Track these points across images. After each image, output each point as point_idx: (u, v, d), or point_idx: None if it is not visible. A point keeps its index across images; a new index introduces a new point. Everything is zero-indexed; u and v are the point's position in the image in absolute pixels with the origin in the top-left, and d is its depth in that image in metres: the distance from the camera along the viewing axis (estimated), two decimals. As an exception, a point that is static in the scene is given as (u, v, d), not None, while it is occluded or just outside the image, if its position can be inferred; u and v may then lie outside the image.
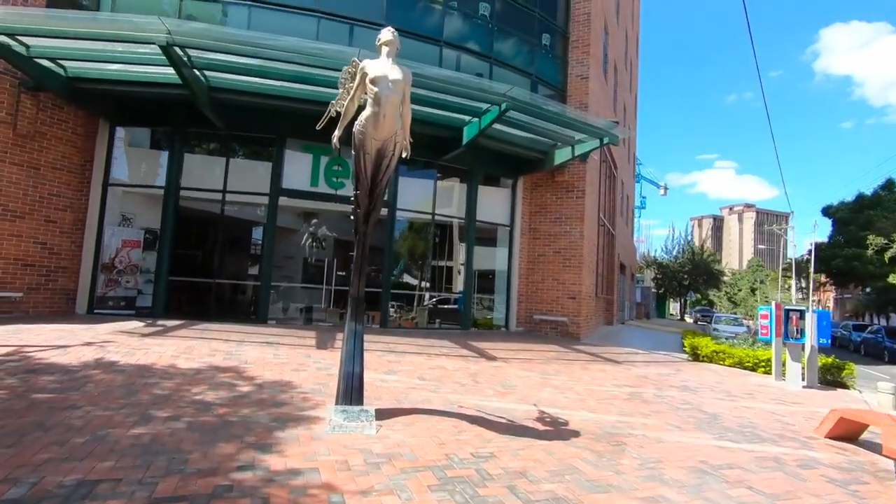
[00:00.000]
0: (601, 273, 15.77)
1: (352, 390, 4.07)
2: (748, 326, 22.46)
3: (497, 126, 9.04)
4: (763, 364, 8.76)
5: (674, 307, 55.01)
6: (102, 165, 9.13)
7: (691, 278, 45.56)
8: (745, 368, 9.06)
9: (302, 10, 9.38)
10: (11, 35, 7.01)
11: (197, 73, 7.84)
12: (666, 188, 51.37)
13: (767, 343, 8.68)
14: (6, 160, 7.90)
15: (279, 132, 9.45)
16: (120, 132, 9.39)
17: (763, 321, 8.21)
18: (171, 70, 7.22)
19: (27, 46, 7.31)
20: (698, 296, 52.46)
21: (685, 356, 10.61)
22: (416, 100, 6.74)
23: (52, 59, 7.72)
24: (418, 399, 4.87)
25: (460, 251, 12.51)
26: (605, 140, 9.65)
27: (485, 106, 8.73)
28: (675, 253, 48.69)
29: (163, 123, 9.44)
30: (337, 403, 4.05)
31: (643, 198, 49.04)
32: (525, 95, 8.66)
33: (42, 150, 8.39)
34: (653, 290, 42.56)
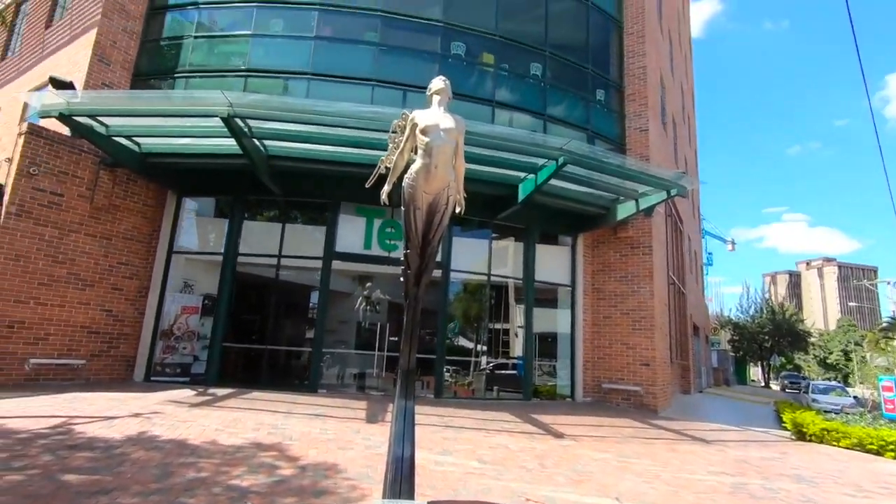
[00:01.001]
0: (674, 336, 14.44)
1: (401, 480, 3.49)
2: (856, 398, 19.56)
3: (554, 181, 8.64)
4: (892, 447, 7.26)
5: (755, 372, 50.04)
6: (168, 234, 9.48)
7: (773, 340, 41.50)
8: (869, 452, 7.55)
9: (358, 80, 9.70)
10: (94, 117, 7.56)
11: (256, 142, 8.10)
12: (733, 243, 48.49)
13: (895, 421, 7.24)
14: (82, 231, 8.33)
15: (333, 196, 9.52)
16: (185, 202, 9.80)
17: (887, 394, 6.88)
18: (232, 141, 7.47)
19: (107, 126, 7.85)
20: (782, 359, 47.50)
21: (787, 434, 9.12)
22: (468, 158, 6.52)
23: (129, 137, 8.25)
24: (478, 488, 4.18)
25: (517, 313, 11.84)
26: (673, 192, 8.98)
27: (541, 161, 8.41)
28: (751, 312, 44.90)
29: (225, 192, 9.78)
30: (384, 496, 3.47)
31: (709, 254, 46.36)
32: (583, 148, 8.29)
33: (115, 221, 8.82)
34: (730, 353, 39.00)
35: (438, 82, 3.72)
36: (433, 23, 10.33)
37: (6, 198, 7.62)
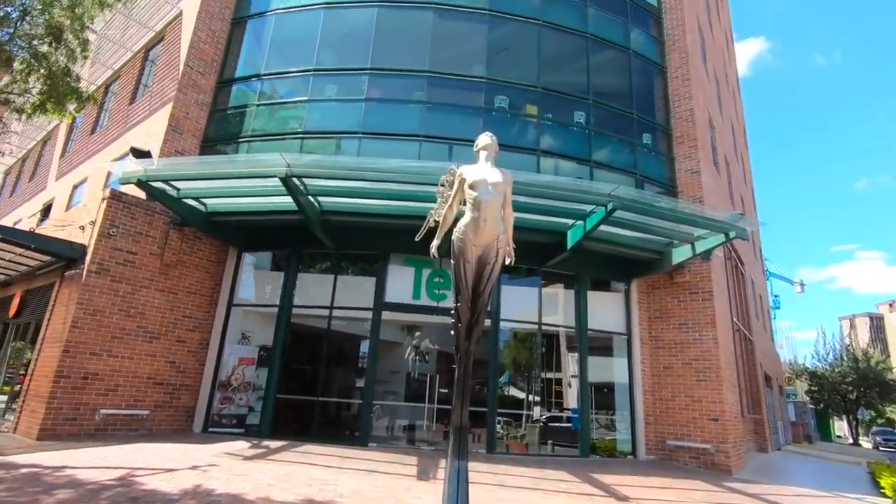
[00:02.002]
0: (744, 387, 13.40)
1: (456, 547, 3.33)
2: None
3: (604, 227, 8.49)
4: None
5: (841, 427, 45.23)
6: (228, 288, 9.96)
7: (858, 391, 37.60)
8: None
9: (406, 136, 10.13)
10: (167, 181, 8.23)
11: (311, 199, 8.51)
12: (802, 285, 45.38)
13: None
14: (151, 287, 8.89)
15: (383, 248, 9.75)
16: (245, 257, 10.32)
17: None
18: (289, 198, 7.89)
19: (178, 189, 8.50)
20: (871, 413, 42.75)
21: (886, 502, 8.07)
22: (516, 206, 6.56)
23: (196, 198, 8.89)
24: (537, 558, 3.90)
25: (570, 362, 11.40)
26: (731, 234, 8.58)
27: (589, 208, 8.31)
28: (830, 360, 41.12)
29: (281, 247, 10.24)
30: (438, 564, 3.30)
31: (776, 297, 43.44)
32: (632, 193, 8.15)
33: (181, 276, 9.38)
34: (809, 405, 35.61)
35: (485, 138, 3.82)
36: (476, 79, 10.74)
37: (88, 257, 8.30)
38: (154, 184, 8.03)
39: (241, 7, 12.05)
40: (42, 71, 8.10)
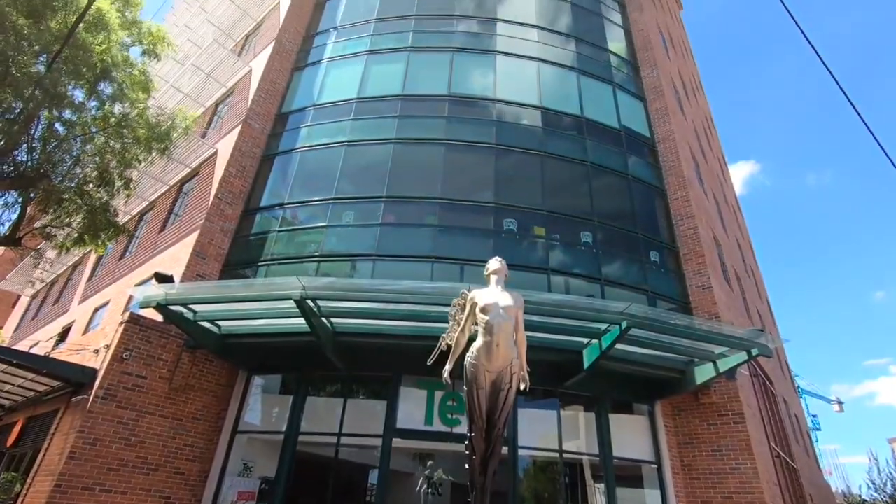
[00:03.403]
0: (795, 525, 11.94)
1: None
2: None
3: (620, 346, 8.31)
4: None
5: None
6: (235, 413, 9.63)
7: (929, 527, 33.09)
8: None
9: (418, 258, 10.47)
10: (186, 305, 8.43)
11: (324, 320, 8.57)
12: (840, 403, 42.67)
13: None
14: (156, 413, 8.64)
15: (394, 370, 9.55)
16: (254, 380, 10.14)
17: None
18: (302, 320, 7.96)
19: (195, 312, 8.67)
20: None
21: None
22: (528, 326, 6.53)
23: (212, 321, 9.00)
24: None
25: (597, 494, 10.39)
26: (754, 352, 8.31)
27: (603, 326, 8.22)
28: (889, 490, 36.90)
29: (292, 369, 10.09)
30: None
31: (813, 417, 40.59)
32: (645, 311, 8.10)
33: (188, 401, 9.14)
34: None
35: (495, 263, 3.95)
36: (485, 204, 11.37)
37: (97, 382, 8.22)
38: (172, 307, 8.22)
39: (271, 145, 13.33)
40: (84, 207, 8.80)
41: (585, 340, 8.79)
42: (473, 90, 13.35)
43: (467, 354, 3.63)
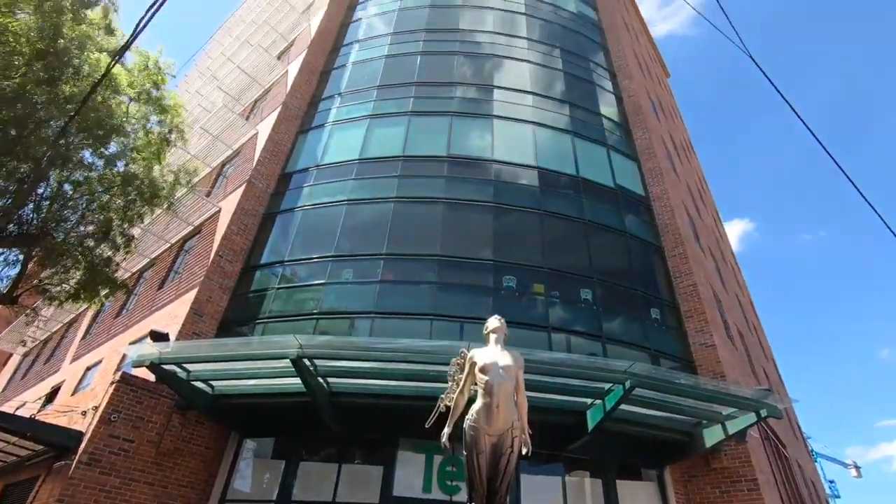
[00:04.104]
0: None
1: None
2: None
3: (625, 407, 8.07)
4: None
5: None
6: (224, 479, 9.18)
7: None
8: None
9: (417, 315, 10.38)
10: (180, 364, 8.25)
11: (321, 380, 8.36)
12: (857, 467, 40.84)
13: None
14: (141, 480, 8.23)
15: (391, 432, 9.21)
16: (246, 444, 9.73)
17: None
18: (298, 380, 7.77)
19: (189, 372, 8.47)
20: None
21: None
22: (529, 385, 6.37)
23: (205, 381, 8.78)
24: None
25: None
26: (763, 412, 8.05)
27: (606, 385, 8.02)
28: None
29: (286, 432, 9.72)
30: None
31: (831, 483, 38.63)
32: (649, 370, 7.94)
33: (175, 467, 8.73)
34: None
35: (494, 321, 3.92)
36: (484, 261, 11.43)
37: (82, 446, 7.89)
38: (166, 366, 8.04)
39: (274, 204, 13.58)
40: (84, 264, 8.84)
41: (589, 401, 8.54)
42: (472, 151, 13.78)
43: (466, 416, 3.51)
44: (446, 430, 3.72)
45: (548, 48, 17.50)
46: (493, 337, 3.83)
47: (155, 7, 3.93)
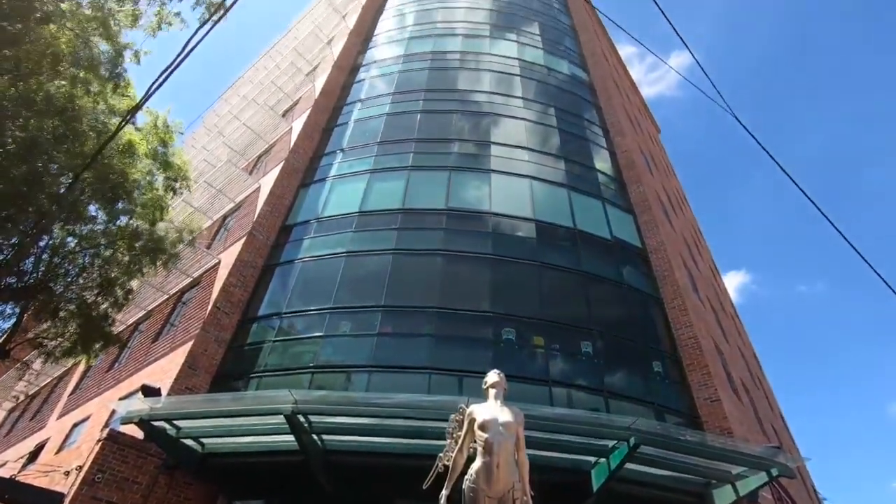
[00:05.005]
0: None
1: None
2: None
3: (631, 465, 7.76)
4: None
5: None
6: (209, 547, 8.67)
7: None
8: None
9: (415, 369, 10.19)
10: (170, 420, 8.01)
11: (314, 437, 8.10)
12: (879, 531, 38.68)
13: None
14: (122, 548, 7.77)
15: (387, 493, 8.78)
16: (234, 507, 9.28)
17: None
18: (291, 437, 7.53)
19: (178, 429, 8.21)
20: None
21: None
22: (530, 442, 6.16)
23: (196, 438, 8.49)
24: None
25: None
26: (774, 471, 7.75)
27: (611, 443, 7.75)
28: None
29: (277, 492, 9.29)
30: None
31: (853, 548, 36.46)
32: (654, 426, 7.73)
33: (159, 532, 8.28)
34: None
35: (493, 375, 3.85)
36: (483, 313, 11.35)
37: (62, 509, 7.51)
38: (155, 423, 7.80)
39: (273, 256, 13.64)
40: (80, 318, 8.76)
41: (592, 459, 8.23)
42: (470, 204, 14.02)
43: (466, 477, 3.38)
44: (444, 493, 3.57)
45: (542, 106, 18.21)
46: (492, 392, 3.75)
47: (167, 73, 4.15)
